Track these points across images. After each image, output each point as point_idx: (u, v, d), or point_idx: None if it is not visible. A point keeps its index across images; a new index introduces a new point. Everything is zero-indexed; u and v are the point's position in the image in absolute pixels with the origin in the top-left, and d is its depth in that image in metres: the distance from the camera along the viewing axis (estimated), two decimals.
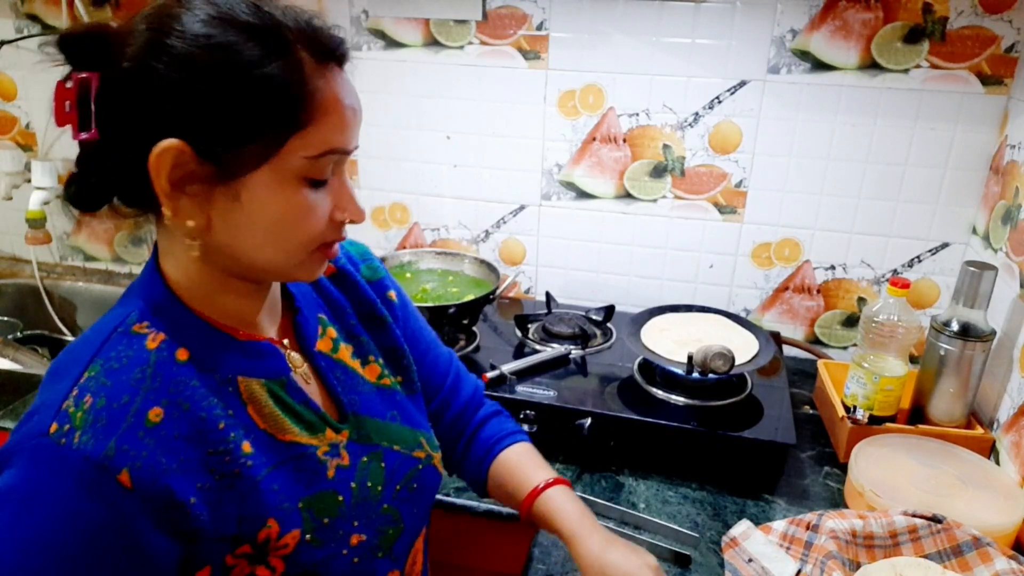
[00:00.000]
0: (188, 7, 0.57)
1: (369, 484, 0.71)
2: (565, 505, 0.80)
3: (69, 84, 0.58)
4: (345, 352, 0.77)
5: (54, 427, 0.53)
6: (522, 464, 0.86)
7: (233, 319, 0.66)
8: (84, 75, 0.57)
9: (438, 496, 1.03)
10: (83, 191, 0.64)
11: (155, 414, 0.57)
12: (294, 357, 0.71)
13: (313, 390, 0.71)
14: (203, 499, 0.58)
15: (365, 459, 0.72)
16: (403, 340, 0.83)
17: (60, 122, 0.59)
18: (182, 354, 0.61)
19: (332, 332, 0.76)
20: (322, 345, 0.74)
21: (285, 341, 0.71)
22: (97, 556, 0.53)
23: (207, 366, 0.62)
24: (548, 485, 0.82)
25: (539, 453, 0.89)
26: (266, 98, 0.57)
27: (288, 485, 0.64)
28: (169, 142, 0.56)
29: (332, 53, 0.61)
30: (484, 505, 1.03)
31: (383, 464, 0.73)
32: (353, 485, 0.69)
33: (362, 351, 0.79)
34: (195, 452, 0.58)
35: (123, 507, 0.53)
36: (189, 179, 0.58)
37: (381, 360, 0.80)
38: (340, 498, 0.68)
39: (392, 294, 0.86)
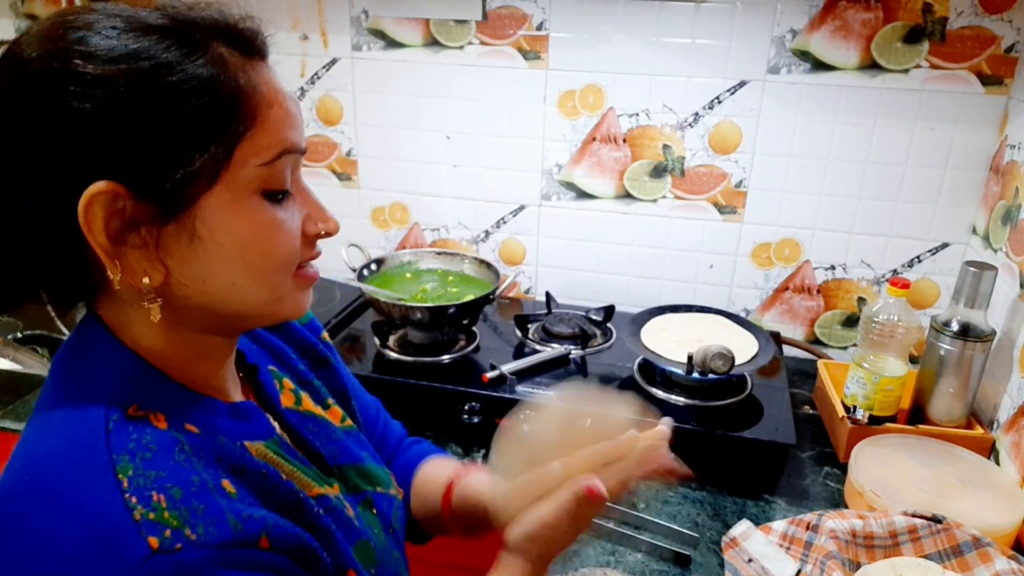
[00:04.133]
0: (88, 26, 0.47)
1: (376, 532, 0.66)
2: (484, 481, 0.73)
3: None
4: (307, 401, 0.69)
5: (154, 542, 0.42)
6: (437, 466, 0.80)
7: (210, 385, 0.57)
8: None
9: None
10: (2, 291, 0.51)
11: (227, 485, 0.49)
12: (268, 417, 0.62)
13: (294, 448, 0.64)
14: (316, 545, 0.54)
15: (360, 508, 0.67)
16: (347, 380, 0.78)
17: None
18: (191, 428, 0.52)
19: (288, 383, 0.68)
20: (285, 400, 0.66)
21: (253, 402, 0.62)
22: None
23: (216, 436, 0.53)
24: (463, 474, 0.76)
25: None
26: (198, 103, 0.47)
27: (343, 535, 0.59)
28: (97, 186, 0.45)
29: (252, 45, 0.52)
30: None
31: (374, 510, 0.69)
32: (370, 533, 0.65)
33: (319, 396, 0.72)
34: (275, 510, 0.52)
35: (278, 565, 0.48)
36: (130, 226, 0.47)
37: (335, 402, 0.73)
38: (371, 546, 0.63)
39: (326, 335, 0.78)
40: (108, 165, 0.46)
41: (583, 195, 1.50)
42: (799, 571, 0.89)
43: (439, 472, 0.80)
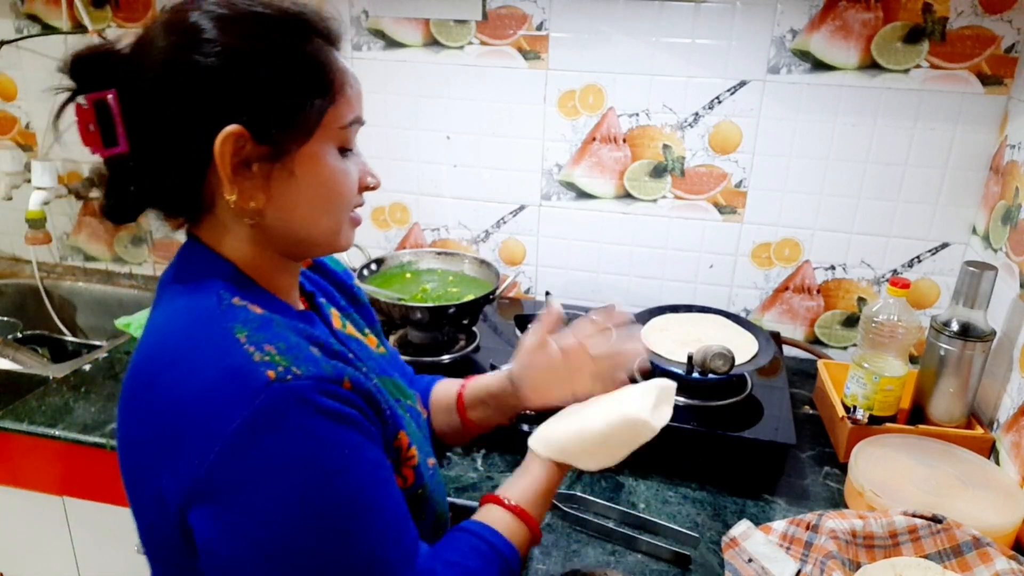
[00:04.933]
0: (205, 10, 0.61)
1: (411, 428, 0.76)
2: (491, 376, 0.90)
3: (84, 104, 0.61)
4: (350, 327, 0.82)
5: (271, 373, 0.55)
6: (448, 382, 0.95)
7: (284, 296, 0.71)
8: (100, 94, 0.60)
9: None
10: (120, 204, 0.66)
11: (313, 349, 0.61)
12: (324, 326, 0.76)
13: None
14: (383, 398, 0.66)
15: (399, 409, 0.76)
16: (375, 319, 0.91)
17: (86, 142, 0.62)
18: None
19: (335, 312, 0.81)
20: (335, 323, 0.79)
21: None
22: (358, 444, 0.59)
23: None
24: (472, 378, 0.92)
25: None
26: (306, 75, 0.63)
27: (393, 411, 0.71)
28: (231, 128, 0.59)
29: (336, 36, 0.67)
30: None
31: (408, 414, 0.79)
32: (407, 426, 0.75)
33: (358, 325, 0.85)
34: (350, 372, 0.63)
35: (357, 403, 0.60)
36: (246, 162, 0.62)
37: (370, 332, 0.86)
38: (414, 427, 0.76)
39: (357, 281, 0.92)
40: (239, 114, 0.60)
41: (583, 195, 1.50)
42: (799, 571, 0.89)
43: (450, 385, 0.94)
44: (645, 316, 1.29)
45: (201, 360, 0.57)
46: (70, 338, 1.71)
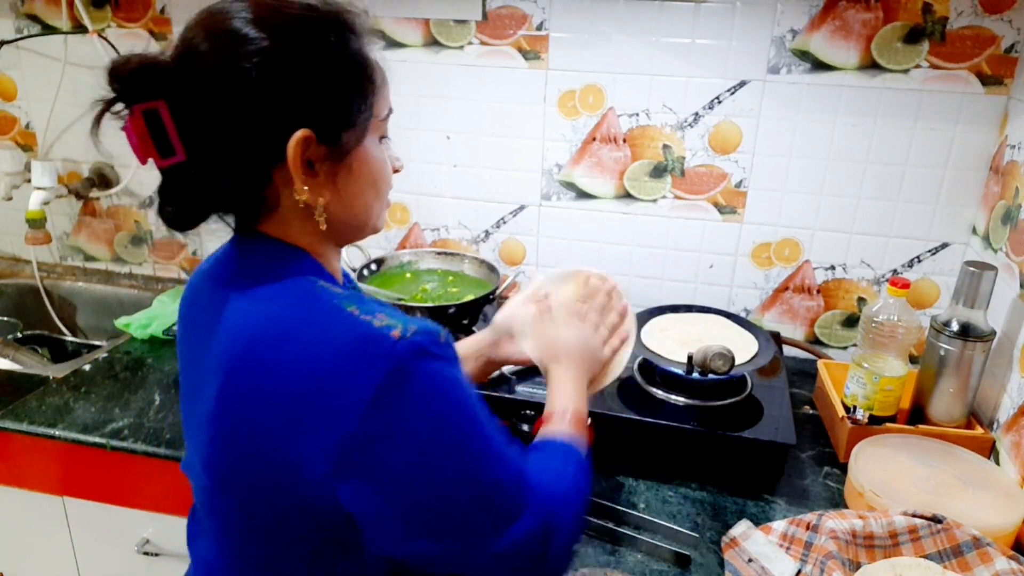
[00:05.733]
0: (251, 16, 0.62)
1: None
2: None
3: (130, 117, 0.62)
4: None
5: (396, 333, 0.60)
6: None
7: (338, 281, 0.75)
8: (149, 105, 0.61)
9: None
10: (183, 212, 0.67)
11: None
12: None
13: None
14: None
15: None
16: None
17: (141, 157, 0.63)
18: None
19: None
20: None
21: None
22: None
23: None
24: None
25: None
26: (358, 74, 0.66)
27: None
28: (301, 132, 0.62)
29: (372, 29, 0.69)
30: None
31: None
32: None
33: None
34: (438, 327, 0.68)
35: (452, 350, 0.64)
36: (311, 162, 0.65)
37: None
38: None
39: (356, 280, 0.98)
40: (305, 119, 0.63)
41: (583, 195, 1.50)
42: (799, 571, 0.89)
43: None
44: (645, 316, 1.29)
45: (324, 332, 0.61)
46: (70, 338, 1.71)
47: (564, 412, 0.83)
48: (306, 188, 0.65)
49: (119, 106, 0.63)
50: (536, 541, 0.66)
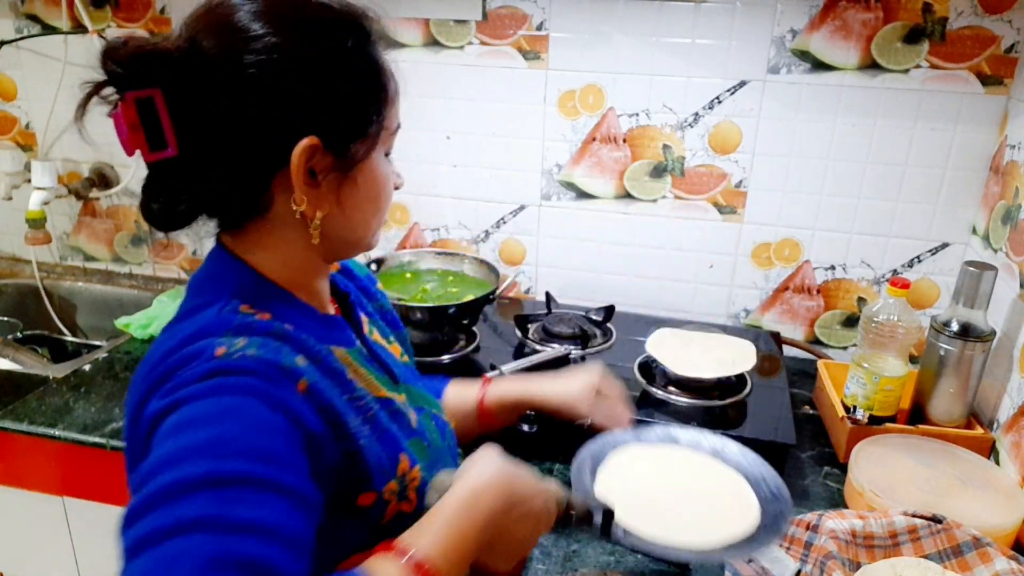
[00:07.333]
0: (267, 11, 0.59)
1: (434, 436, 0.77)
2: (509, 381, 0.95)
3: (121, 104, 0.57)
4: (376, 334, 0.81)
5: (220, 351, 0.55)
6: (463, 381, 0.97)
7: (315, 299, 0.71)
8: (143, 92, 0.56)
9: None
10: (169, 210, 0.62)
11: (301, 360, 0.59)
12: (352, 331, 0.76)
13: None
14: (364, 434, 0.63)
15: (423, 418, 0.77)
16: (400, 324, 0.90)
17: (128, 147, 0.58)
18: (288, 327, 0.62)
19: (364, 316, 0.81)
20: (364, 328, 0.79)
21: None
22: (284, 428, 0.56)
23: (305, 335, 0.63)
24: (489, 379, 0.94)
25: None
26: (373, 82, 0.63)
27: (399, 430, 0.70)
28: (308, 140, 0.59)
29: (388, 35, 0.66)
30: None
31: (433, 423, 0.79)
32: (428, 435, 0.75)
33: (384, 332, 0.84)
34: (340, 396, 0.62)
35: (298, 408, 0.56)
36: (314, 173, 0.61)
37: (395, 340, 0.86)
38: (425, 444, 0.74)
39: (380, 284, 0.91)
40: (314, 125, 0.59)
41: (583, 195, 1.50)
42: (799, 571, 0.89)
43: (468, 384, 0.96)
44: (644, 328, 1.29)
45: (189, 348, 0.57)
46: (70, 338, 1.71)
47: (410, 557, 0.55)
48: (305, 198, 0.61)
49: (110, 91, 0.58)
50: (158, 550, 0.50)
